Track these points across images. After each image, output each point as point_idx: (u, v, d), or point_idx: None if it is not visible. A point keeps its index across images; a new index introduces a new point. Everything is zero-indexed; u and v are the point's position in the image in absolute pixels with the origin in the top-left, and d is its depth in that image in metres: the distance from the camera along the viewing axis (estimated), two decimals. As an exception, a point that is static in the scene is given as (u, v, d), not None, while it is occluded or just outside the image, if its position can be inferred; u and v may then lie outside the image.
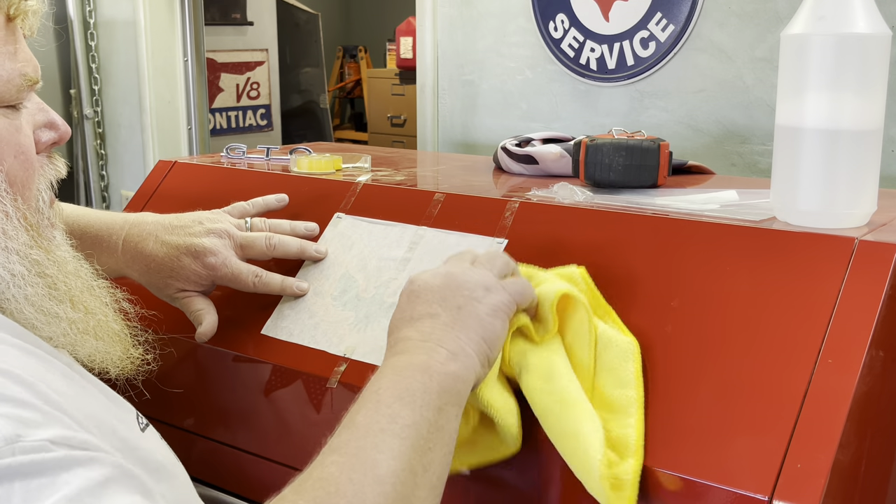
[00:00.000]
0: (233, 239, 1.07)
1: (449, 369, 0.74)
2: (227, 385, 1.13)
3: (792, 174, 0.94)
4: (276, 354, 1.08)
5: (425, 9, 2.37)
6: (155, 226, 1.07)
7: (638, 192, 1.16)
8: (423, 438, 0.70)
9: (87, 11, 3.25)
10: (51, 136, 0.82)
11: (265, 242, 1.08)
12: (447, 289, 0.80)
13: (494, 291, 0.81)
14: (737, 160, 1.90)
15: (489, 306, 0.80)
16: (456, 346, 0.76)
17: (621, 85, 2.03)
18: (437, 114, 2.42)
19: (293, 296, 1.09)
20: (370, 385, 0.74)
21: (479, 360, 0.78)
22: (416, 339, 0.77)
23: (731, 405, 0.81)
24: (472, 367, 0.77)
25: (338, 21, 6.77)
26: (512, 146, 1.36)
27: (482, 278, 0.82)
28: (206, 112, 3.24)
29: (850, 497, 0.81)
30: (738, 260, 0.91)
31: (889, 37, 0.90)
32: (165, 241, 1.05)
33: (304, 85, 5.39)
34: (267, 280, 1.08)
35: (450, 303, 0.79)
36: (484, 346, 0.78)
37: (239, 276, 1.06)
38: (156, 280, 1.07)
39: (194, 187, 1.32)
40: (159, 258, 1.05)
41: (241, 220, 1.12)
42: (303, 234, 1.13)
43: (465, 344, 0.77)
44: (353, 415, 0.71)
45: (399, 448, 0.68)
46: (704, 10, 1.89)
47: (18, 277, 0.75)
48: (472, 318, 0.79)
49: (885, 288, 0.82)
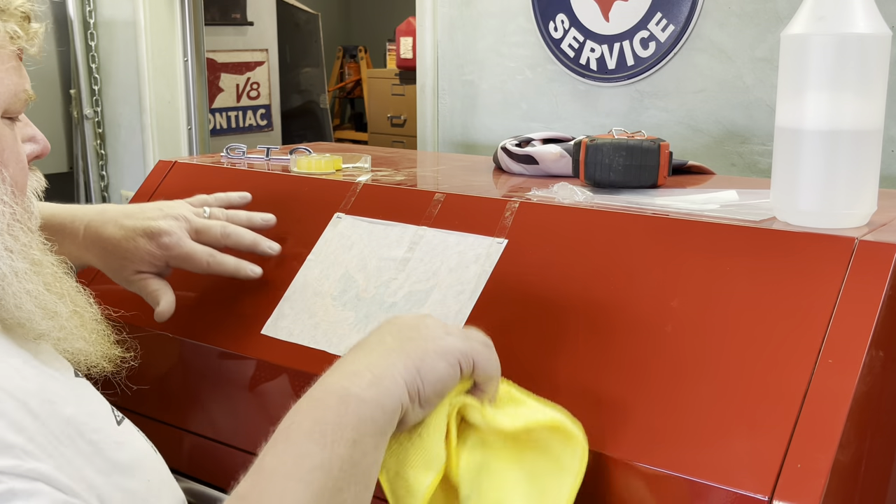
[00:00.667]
0: (189, 223, 1.10)
1: (368, 395, 0.70)
2: (228, 385, 1.13)
3: (792, 174, 0.94)
4: (276, 354, 1.08)
5: (425, 9, 2.37)
6: (116, 212, 1.11)
7: (638, 192, 1.16)
8: (334, 479, 0.66)
9: (87, 11, 3.25)
10: (34, 149, 0.87)
11: (220, 230, 1.11)
12: (410, 324, 0.77)
13: (454, 336, 0.77)
14: (737, 160, 1.90)
15: (440, 346, 0.75)
16: (384, 371, 0.72)
17: (621, 85, 2.03)
18: (437, 114, 2.42)
19: (246, 278, 1.11)
20: (286, 418, 0.70)
21: (409, 392, 0.72)
22: (347, 363, 0.74)
23: (731, 405, 0.81)
24: (398, 396, 0.71)
25: (338, 21, 6.77)
26: (512, 146, 1.36)
27: (449, 326, 0.78)
28: (206, 112, 3.24)
29: (850, 497, 0.81)
30: (738, 260, 0.91)
31: (889, 37, 0.90)
32: (123, 225, 1.08)
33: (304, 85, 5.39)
34: (221, 260, 1.10)
35: (403, 334, 0.76)
36: (418, 379, 0.73)
37: (193, 255, 1.08)
38: (112, 262, 1.10)
39: (194, 187, 1.32)
40: (116, 240, 1.08)
41: (201, 208, 1.15)
42: (259, 226, 1.15)
43: (397, 371, 0.72)
44: (263, 455, 0.68)
45: (304, 494, 0.64)
46: (704, 10, 1.89)
47: (21, 273, 0.79)
48: (416, 350, 0.74)
49: (885, 288, 0.82)
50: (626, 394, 0.87)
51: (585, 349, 0.92)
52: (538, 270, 1.01)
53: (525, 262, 1.02)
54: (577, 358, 0.92)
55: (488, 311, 1.00)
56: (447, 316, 1.01)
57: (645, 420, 0.84)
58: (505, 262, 1.03)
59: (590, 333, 0.93)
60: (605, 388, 0.88)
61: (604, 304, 0.94)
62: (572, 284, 0.98)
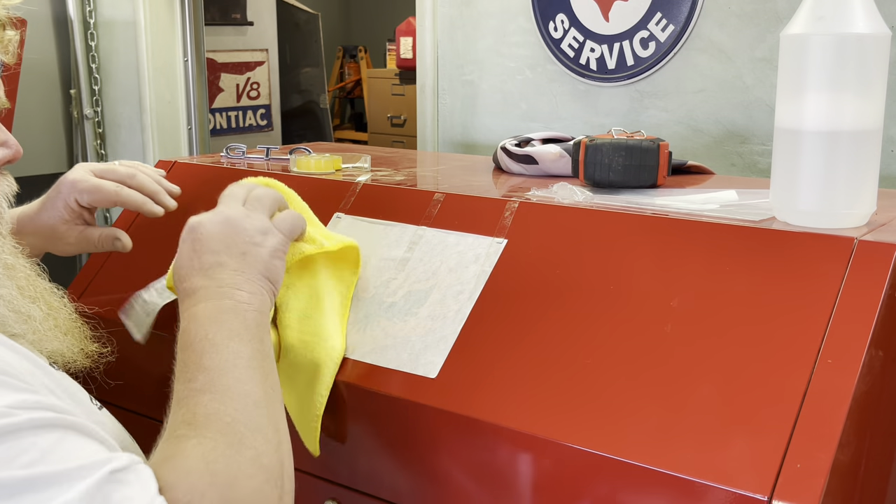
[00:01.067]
0: (93, 168, 1.18)
1: (253, 307, 0.86)
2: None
3: (791, 174, 0.94)
4: (275, 354, 1.08)
5: (425, 9, 2.37)
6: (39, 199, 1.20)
7: (638, 192, 1.16)
8: (262, 367, 0.82)
9: (87, 11, 3.25)
10: (6, 154, 0.90)
11: (125, 171, 1.18)
12: (229, 237, 0.90)
13: (271, 234, 0.92)
14: (736, 160, 1.90)
15: (269, 249, 0.91)
16: (250, 287, 0.88)
17: (621, 85, 2.03)
18: (437, 114, 2.42)
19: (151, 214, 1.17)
20: (194, 333, 0.82)
21: (269, 297, 0.90)
22: (214, 287, 0.86)
23: (731, 405, 0.81)
24: (266, 303, 0.89)
25: (338, 21, 6.77)
26: (512, 146, 1.36)
27: (259, 223, 0.92)
28: (206, 112, 3.24)
29: (849, 497, 0.81)
30: (738, 260, 0.91)
31: (888, 37, 0.90)
32: (41, 199, 1.18)
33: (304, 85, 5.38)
34: (129, 192, 1.15)
35: (234, 250, 0.89)
36: (269, 283, 0.90)
37: (100, 186, 1.15)
38: (45, 231, 1.16)
39: (194, 187, 1.32)
40: (38, 207, 1.17)
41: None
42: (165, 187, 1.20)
43: (256, 285, 0.88)
44: (197, 361, 0.80)
45: (254, 377, 0.80)
46: (704, 10, 1.89)
47: None
48: (257, 262, 0.90)
49: (885, 288, 0.82)
50: (626, 394, 0.87)
51: (585, 349, 0.92)
52: (538, 270, 1.01)
53: (525, 262, 1.02)
54: (576, 358, 0.92)
55: (488, 311, 1.00)
56: (447, 316, 1.01)
57: (645, 420, 0.84)
58: (505, 262, 1.03)
59: (590, 333, 0.93)
60: (605, 388, 0.88)
61: (604, 303, 0.94)
62: (572, 284, 0.98)
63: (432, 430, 0.95)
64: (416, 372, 0.98)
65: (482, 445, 0.92)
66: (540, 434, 0.87)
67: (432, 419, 0.95)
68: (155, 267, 1.21)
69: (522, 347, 0.95)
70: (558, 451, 0.86)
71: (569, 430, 0.86)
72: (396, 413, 0.98)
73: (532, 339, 0.95)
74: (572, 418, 0.87)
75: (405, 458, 0.98)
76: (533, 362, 0.93)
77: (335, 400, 1.02)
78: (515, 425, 0.89)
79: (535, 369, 0.93)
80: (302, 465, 1.06)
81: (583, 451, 0.85)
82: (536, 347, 0.94)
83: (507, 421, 0.90)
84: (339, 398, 1.02)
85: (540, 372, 0.92)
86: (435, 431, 0.95)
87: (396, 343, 1.02)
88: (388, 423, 0.99)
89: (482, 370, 0.95)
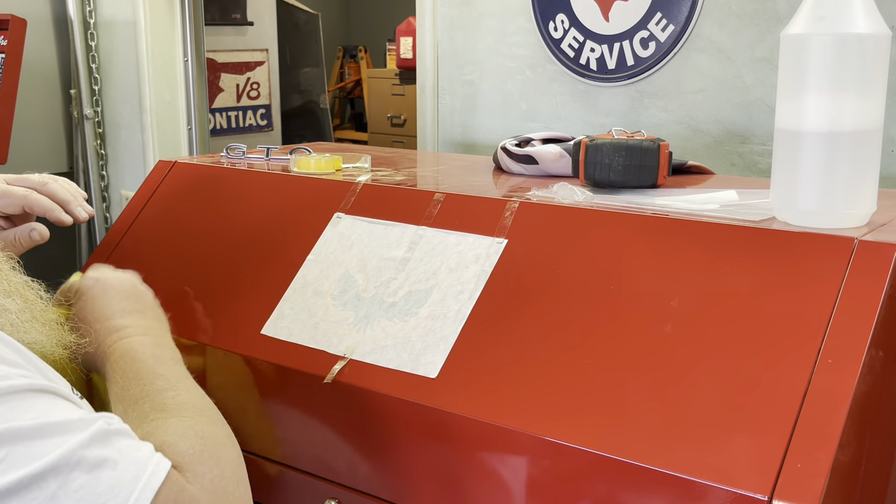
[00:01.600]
0: (6, 178, 1.16)
1: (162, 343, 0.98)
2: (227, 385, 1.13)
3: (792, 174, 0.94)
4: (276, 354, 1.08)
5: (425, 9, 2.37)
6: None
7: (638, 192, 1.16)
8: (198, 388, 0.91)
9: (87, 11, 3.25)
10: None
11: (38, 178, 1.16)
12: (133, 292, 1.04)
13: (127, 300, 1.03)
14: (737, 160, 1.90)
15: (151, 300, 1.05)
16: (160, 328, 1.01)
17: (621, 85, 2.03)
18: (437, 114, 2.42)
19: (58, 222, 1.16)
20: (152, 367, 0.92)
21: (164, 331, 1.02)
22: (142, 327, 0.99)
23: (731, 405, 0.81)
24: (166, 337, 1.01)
25: (338, 21, 6.77)
26: (512, 146, 1.36)
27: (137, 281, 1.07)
28: (206, 112, 3.24)
29: (850, 497, 0.81)
30: (738, 260, 0.91)
31: (889, 37, 0.90)
32: None
33: (304, 85, 5.38)
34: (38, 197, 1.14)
35: (142, 304, 1.03)
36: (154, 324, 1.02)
37: (9, 191, 1.14)
38: None
39: (194, 187, 1.32)
40: None
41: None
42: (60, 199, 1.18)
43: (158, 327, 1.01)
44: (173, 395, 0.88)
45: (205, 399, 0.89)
46: (704, 10, 1.89)
47: None
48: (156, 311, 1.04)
49: (885, 288, 0.82)
50: (626, 394, 0.87)
51: (585, 349, 0.92)
52: (538, 270, 1.01)
53: (525, 262, 1.02)
54: (576, 358, 0.92)
55: (488, 311, 1.00)
56: (447, 316, 1.01)
57: (645, 420, 0.84)
58: (505, 262, 1.03)
59: (590, 333, 0.93)
60: (605, 388, 0.88)
61: (603, 303, 0.94)
62: (572, 284, 0.98)
63: (432, 430, 0.95)
64: (417, 372, 0.98)
65: (482, 446, 0.92)
66: (540, 434, 0.87)
67: (432, 419, 0.95)
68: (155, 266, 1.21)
69: (523, 347, 0.95)
70: (558, 451, 0.86)
71: (569, 429, 0.86)
72: (396, 413, 0.98)
73: (532, 339, 0.95)
74: (572, 418, 0.87)
75: (405, 458, 0.98)
76: (533, 362, 0.93)
77: (335, 400, 1.02)
78: (515, 425, 0.89)
79: (536, 369, 0.93)
80: (302, 465, 1.06)
81: (583, 451, 0.85)
82: (537, 347, 0.94)
83: (508, 421, 0.90)
84: (340, 398, 1.02)
85: (540, 372, 0.92)
86: (435, 431, 0.95)
87: (396, 343, 1.02)
88: (388, 423, 0.99)
89: (482, 370, 0.95)
